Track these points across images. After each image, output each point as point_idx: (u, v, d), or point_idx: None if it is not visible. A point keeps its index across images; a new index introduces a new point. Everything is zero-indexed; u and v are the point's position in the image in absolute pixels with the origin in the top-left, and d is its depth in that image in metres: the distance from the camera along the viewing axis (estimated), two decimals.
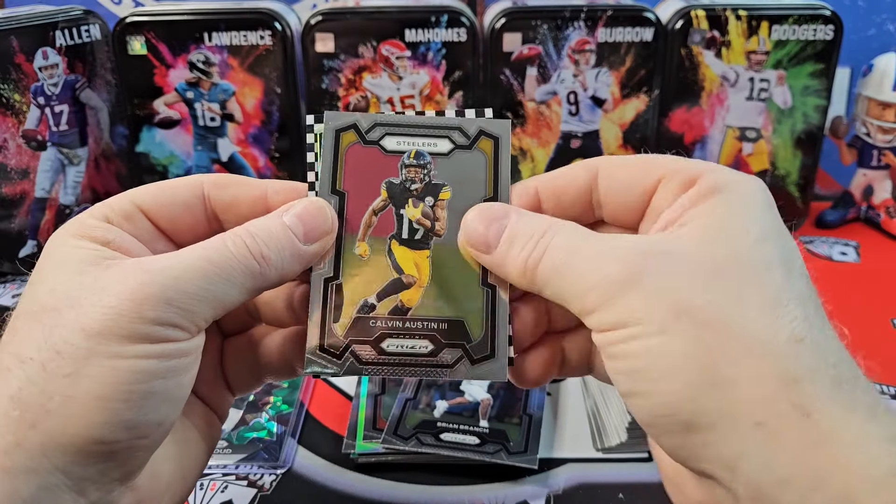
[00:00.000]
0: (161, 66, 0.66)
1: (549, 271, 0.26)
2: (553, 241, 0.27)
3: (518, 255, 0.27)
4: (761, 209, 0.26)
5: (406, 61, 0.65)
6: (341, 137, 0.31)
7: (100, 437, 0.24)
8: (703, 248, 0.25)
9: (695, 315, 0.23)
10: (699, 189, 0.26)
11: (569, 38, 0.65)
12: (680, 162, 0.28)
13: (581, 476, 0.42)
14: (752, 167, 0.70)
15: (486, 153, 0.31)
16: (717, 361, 0.23)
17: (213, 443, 0.32)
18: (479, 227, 0.29)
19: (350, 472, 0.42)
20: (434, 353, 0.29)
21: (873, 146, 0.72)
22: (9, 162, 0.62)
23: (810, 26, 0.64)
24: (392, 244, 0.30)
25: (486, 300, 0.30)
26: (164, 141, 0.68)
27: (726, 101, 0.68)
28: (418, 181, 0.30)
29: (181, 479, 0.29)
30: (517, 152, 0.69)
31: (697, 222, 0.26)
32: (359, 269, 0.30)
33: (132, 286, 0.24)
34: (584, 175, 0.29)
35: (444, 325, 0.30)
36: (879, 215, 0.73)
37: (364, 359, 0.29)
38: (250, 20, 0.64)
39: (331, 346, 0.29)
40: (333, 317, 0.29)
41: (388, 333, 0.30)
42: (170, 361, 0.25)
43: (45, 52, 0.63)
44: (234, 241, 0.27)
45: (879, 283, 0.64)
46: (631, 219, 0.29)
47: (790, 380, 0.22)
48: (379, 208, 0.30)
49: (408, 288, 0.30)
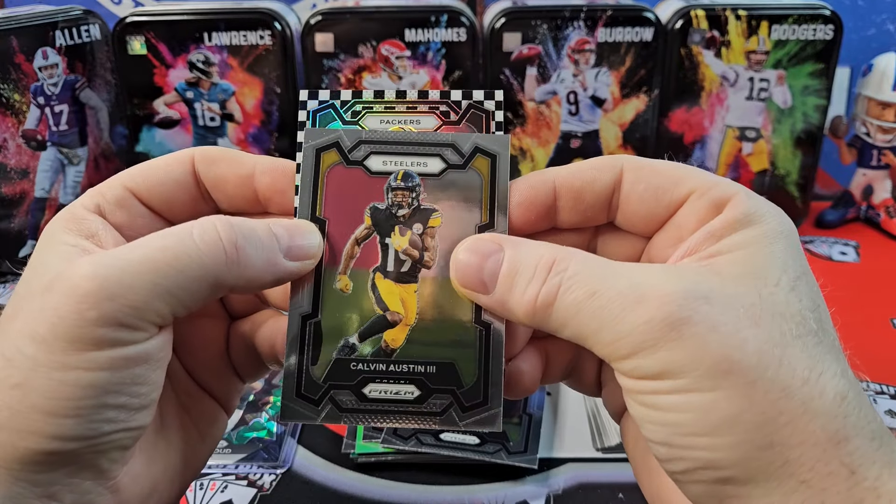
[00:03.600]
0: (161, 66, 0.66)
1: (569, 311, 0.24)
2: (567, 273, 0.24)
3: (525, 293, 0.25)
4: (792, 251, 0.25)
5: (406, 61, 0.65)
6: (322, 157, 0.28)
7: (52, 450, 0.22)
8: (741, 293, 0.23)
9: (746, 373, 0.22)
10: (729, 217, 0.25)
11: (568, 38, 0.65)
12: (710, 179, 0.26)
13: (581, 476, 0.42)
14: (752, 167, 0.70)
15: (482, 173, 0.28)
16: (771, 423, 0.22)
17: (213, 441, 0.31)
18: (471, 265, 0.26)
19: (350, 471, 0.42)
20: (421, 399, 0.27)
21: (873, 146, 0.72)
22: (8, 162, 0.62)
23: (810, 26, 0.64)
24: (376, 277, 0.27)
25: (479, 340, 0.27)
26: (164, 141, 0.68)
27: (726, 101, 0.68)
28: (406, 206, 0.27)
29: (172, 479, 0.28)
30: (517, 152, 0.69)
31: (730, 259, 0.24)
32: (339, 306, 0.27)
33: (73, 283, 0.22)
34: (609, 175, 0.27)
35: (432, 368, 0.27)
36: (879, 215, 0.73)
37: (344, 405, 0.27)
38: (250, 20, 0.64)
39: (308, 391, 0.27)
40: (311, 358, 0.27)
41: (371, 378, 0.27)
42: (123, 372, 0.23)
43: (45, 51, 0.63)
44: (205, 227, 0.24)
45: (879, 283, 0.64)
46: (648, 228, 0.28)
47: (841, 439, 0.22)
48: (362, 237, 0.27)
49: (393, 326, 0.27)
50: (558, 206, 0.28)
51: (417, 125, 0.29)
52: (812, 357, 0.23)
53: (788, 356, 0.22)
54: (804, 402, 0.22)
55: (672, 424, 0.23)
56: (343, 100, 0.29)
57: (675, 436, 0.23)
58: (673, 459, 0.24)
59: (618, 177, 0.27)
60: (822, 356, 0.23)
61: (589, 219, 0.28)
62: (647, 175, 0.27)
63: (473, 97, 0.29)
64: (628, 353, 0.23)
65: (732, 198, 0.26)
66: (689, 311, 0.22)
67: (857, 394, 0.23)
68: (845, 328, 0.56)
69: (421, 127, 0.29)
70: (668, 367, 0.22)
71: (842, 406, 0.22)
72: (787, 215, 0.26)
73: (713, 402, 0.22)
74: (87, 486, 0.24)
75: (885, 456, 0.22)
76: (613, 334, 0.23)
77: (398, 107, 0.29)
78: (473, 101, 0.29)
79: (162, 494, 0.28)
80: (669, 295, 0.23)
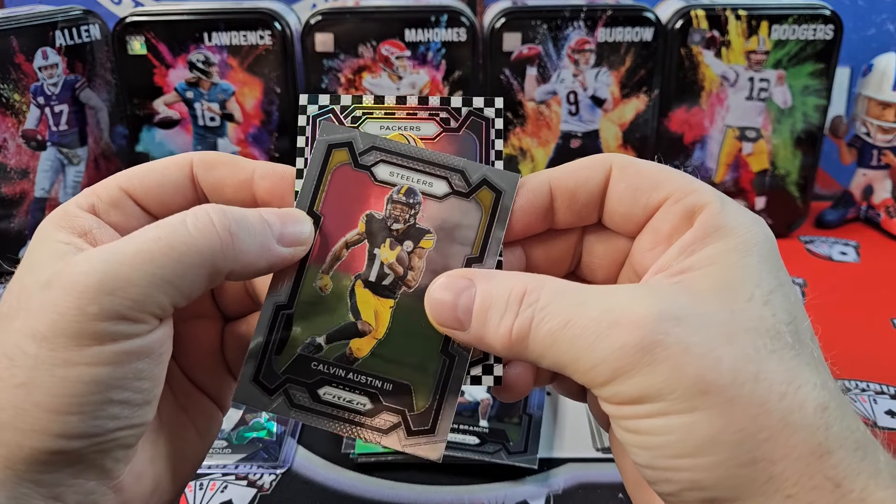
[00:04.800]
0: (161, 66, 0.66)
1: (544, 341, 0.24)
2: (539, 304, 0.24)
3: (499, 327, 0.24)
4: (767, 263, 0.24)
5: (406, 61, 0.65)
6: (332, 154, 0.28)
7: (57, 448, 0.23)
8: (713, 311, 0.23)
9: (722, 391, 0.22)
10: (700, 230, 0.25)
11: (568, 38, 0.65)
12: (688, 185, 0.26)
13: (581, 476, 0.42)
14: (752, 167, 0.70)
15: (483, 206, 0.27)
16: (751, 439, 0.22)
17: (211, 438, 0.31)
18: (445, 303, 0.26)
19: (350, 471, 0.42)
20: (371, 413, 0.27)
21: (873, 146, 0.72)
22: (8, 162, 0.62)
23: (810, 26, 0.64)
24: (356, 284, 0.27)
25: (441, 369, 0.27)
26: (164, 141, 0.68)
27: (726, 101, 0.68)
28: (402, 221, 0.27)
29: (172, 478, 0.28)
30: (517, 152, 0.69)
31: (702, 275, 0.24)
32: (315, 304, 0.27)
33: (72, 279, 0.22)
34: (599, 174, 0.27)
35: (388, 385, 0.27)
36: (879, 215, 0.73)
37: (296, 401, 0.27)
38: (250, 20, 0.64)
39: (265, 378, 0.27)
40: (276, 348, 0.27)
41: (328, 380, 0.27)
42: (126, 367, 0.23)
43: (45, 51, 0.63)
44: (198, 215, 0.24)
45: (879, 282, 0.64)
46: (629, 229, 0.28)
47: (823, 452, 0.22)
48: (352, 242, 0.27)
49: (361, 336, 0.27)
50: (555, 206, 0.28)
51: (417, 131, 0.29)
52: (789, 370, 0.23)
53: (765, 371, 0.22)
54: (783, 417, 0.22)
55: (655, 447, 0.23)
56: (343, 104, 0.29)
57: (659, 458, 0.23)
58: (660, 481, 0.24)
59: (607, 175, 0.27)
60: (800, 369, 0.23)
61: (582, 218, 0.28)
62: (630, 175, 0.27)
63: (473, 104, 0.29)
64: (606, 380, 0.23)
65: (706, 207, 0.25)
66: (661, 333, 0.22)
67: (838, 404, 0.23)
68: (845, 328, 0.57)
69: (421, 133, 0.29)
70: (645, 392, 0.22)
71: (823, 417, 0.22)
72: (787, 213, 0.26)
73: (692, 423, 0.22)
74: (91, 487, 0.24)
75: (870, 466, 0.22)
76: (590, 362, 0.23)
77: (398, 113, 0.29)
78: (474, 108, 0.29)
79: (163, 493, 0.28)
80: (641, 318, 0.23)
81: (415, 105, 0.29)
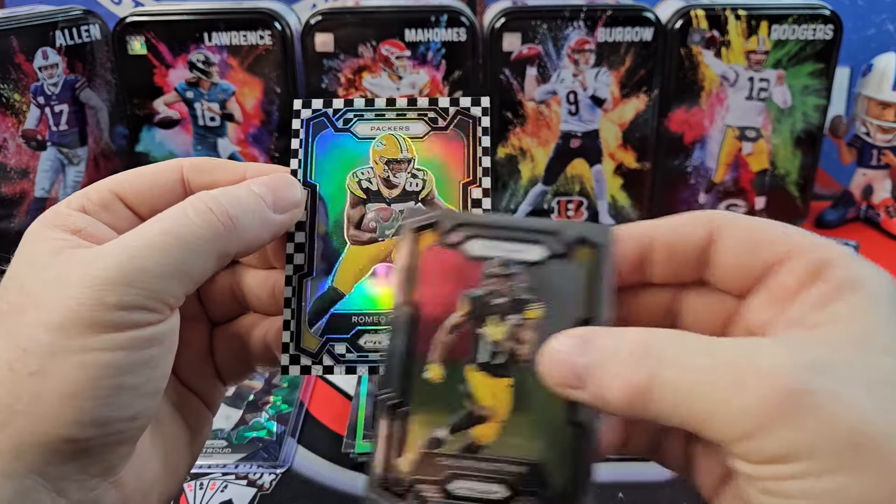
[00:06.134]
0: (161, 66, 0.66)
1: (670, 394, 0.22)
2: (664, 356, 0.22)
3: (620, 382, 0.23)
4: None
5: (406, 61, 0.66)
6: (420, 238, 0.26)
7: (70, 436, 0.23)
8: (853, 362, 0.22)
9: (875, 447, 0.20)
10: (831, 284, 0.24)
11: (568, 38, 0.65)
12: (807, 240, 0.25)
13: None
14: (752, 167, 0.70)
15: (584, 263, 0.26)
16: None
17: (202, 438, 0.32)
18: (561, 361, 0.24)
19: (350, 471, 0.42)
20: (507, 500, 0.25)
21: (873, 146, 0.72)
22: (8, 162, 0.62)
23: (810, 26, 0.65)
24: (468, 369, 0.26)
25: (572, 442, 0.25)
26: (164, 141, 0.68)
27: (726, 101, 0.68)
28: (503, 295, 0.26)
29: (169, 476, 0.29)
30: (517, 152, 0.69)
31: (837, 329, 0.23)
32: (429, 397, 0.26)
33: (90, 273, 0.23)
34: (702, 230, 0.26)
35: (521, 468, 0.25)
36: (879, 215, 0.73)
37: (429, 501, 0.25)
38: (250, 20, 0.64)
39: (393, 482, 0.25)
40: (397, 449, 0.26)
41: (458, 474, 0.25)
42: (140, 352, 0.24)
43: (45, 51, 0.63)
44: (196, 205, 0.26)
45: None
46: (742, 287, 0.26)
47: None
48: (456, 325, 0.26)
49: (483, 422, 0.26)
50: (652, 259, 0.27)
51: (407, 131, 0.30)
52: None
53: None
54: None
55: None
56: (335, 108, 0.30)
57: None
58: None
59: (710, 233, 0.26)
60: None
61: (679, 274, 0.27)
62: (742, 232, 0.26)
63: (460, 104, 0.29)
64: (744, 435, 0.21)
65: (834, 261, 0.24)
66: (806, 382, 0.21)
67: None
68: None
69: (410, 133, 0.30)
70: (791, 449, 0.21)
71: None
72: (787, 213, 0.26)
73: (847, 486, 0.20)
74: (94, 483, 0.24)
75: None
76: (726, 415, 0.21)
77: (388, 114, 0.30)
78: (461, 107, 0.30)
79: (162, 491, 0.28)
80: (782, 367, 0.21)
81: (404, 106, 0.30)
